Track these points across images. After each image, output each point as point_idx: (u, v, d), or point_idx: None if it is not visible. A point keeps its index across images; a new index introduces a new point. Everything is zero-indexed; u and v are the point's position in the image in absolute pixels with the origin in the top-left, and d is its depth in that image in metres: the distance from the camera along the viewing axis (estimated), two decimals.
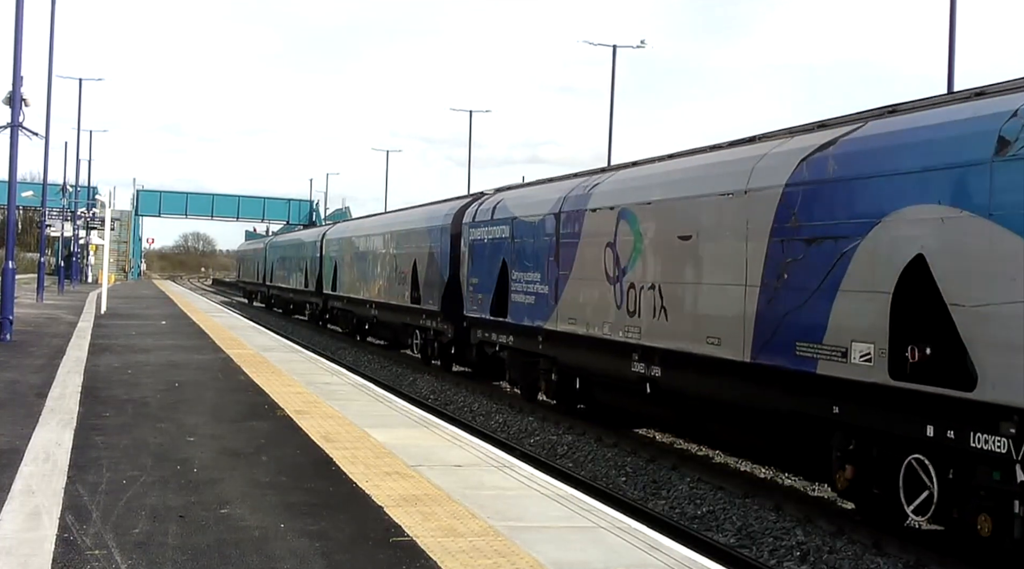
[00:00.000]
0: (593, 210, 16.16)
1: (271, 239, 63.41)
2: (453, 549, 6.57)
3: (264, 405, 12.92)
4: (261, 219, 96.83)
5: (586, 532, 7.23)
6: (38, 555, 6.15)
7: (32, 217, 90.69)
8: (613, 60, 46.12)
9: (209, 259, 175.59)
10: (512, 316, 19.19)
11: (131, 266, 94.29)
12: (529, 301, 18.32)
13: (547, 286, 17.54)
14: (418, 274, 26.23)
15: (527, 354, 18.91)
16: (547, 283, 17.55)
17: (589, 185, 16.87)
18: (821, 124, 12.03)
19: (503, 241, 19.96)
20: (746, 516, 11.54)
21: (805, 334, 10.82)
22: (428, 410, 16.09)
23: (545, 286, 17.63)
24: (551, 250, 17.46)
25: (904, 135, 10.13)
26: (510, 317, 19.27)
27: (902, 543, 10.08)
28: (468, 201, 24.06)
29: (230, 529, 6.95)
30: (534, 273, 18.19)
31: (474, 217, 22.11)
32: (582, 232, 16.46)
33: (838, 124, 11.59)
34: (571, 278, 16.70)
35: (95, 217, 65.80)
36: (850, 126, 11.17)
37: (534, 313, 18.10)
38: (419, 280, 26.10)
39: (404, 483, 8.54)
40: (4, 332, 21.03)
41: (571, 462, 14.89)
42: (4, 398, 12.89)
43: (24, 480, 8.16)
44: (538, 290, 17.94)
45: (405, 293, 27.22)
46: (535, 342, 18.16)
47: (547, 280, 17.56)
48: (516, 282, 19.08)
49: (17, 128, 22.10)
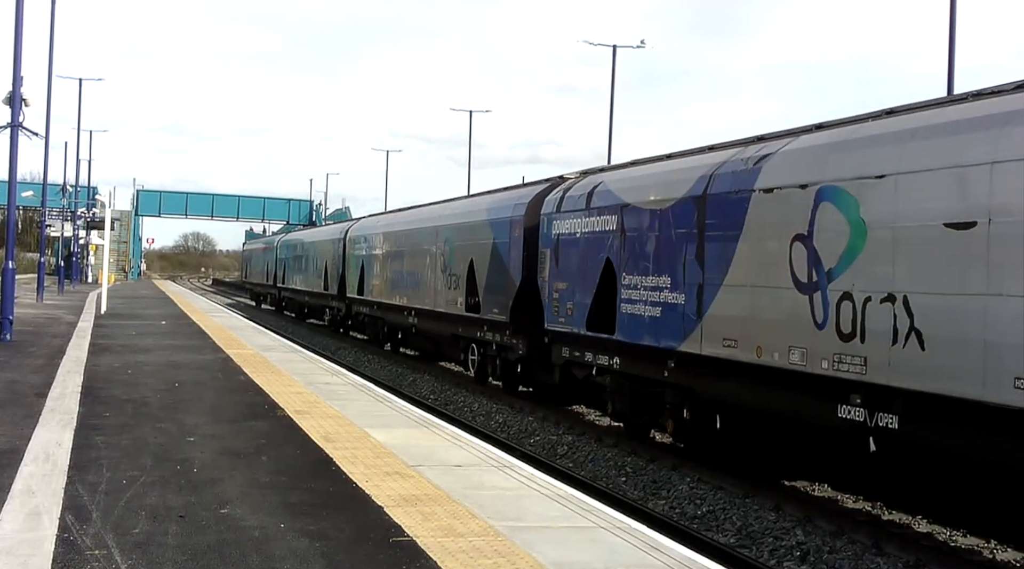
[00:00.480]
0: (767, 190, 12.01)
1: (283, 237, 57.78)
2: (453, 549, 6.57)
3: (264, 405, 12.92)
4: (261, 219, 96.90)
5: (586, 532, 7.23)
6: (38, 555, 6.14)
7: (32, 217, 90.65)
8: (613, 60, 46.17)
9: (209, 259, 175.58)
10: (622, 332, 15.07)
11: (131, 266, 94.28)
12: (651, 314, 14.19)
13: (682, 295, 13.49)
14: (476, 276, 21.82)
15: (644, 382, 14.84)
16: (682, 290, 13.49)
17: (753, 157, 12.63)
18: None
19: (606, 235, 15.75)
20: (746, 516, 11.54)
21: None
22: (428, 410, 16.09)
23: (678, 294, 13.57)
24: (688, 247, 13.39)
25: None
26: (619, 333, 15.16)
27: (902, 543, 10.09)
28: (547, 187, 19.62)
29: (230, 529, 6.94)
30: (659, 277, 14.07)
31: (559, 206, 17.76)
32: (746, 221, 12.29)
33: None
34: (725, 284, 12.64)
35: (95, 217, 65.80)
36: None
37: (660, 330, 13.96)
38: (477, 284, 21.68)
39: (404, 483, 8.53)
40: (4, 332, 21.03)
41: (571, 462, 14.89)
42: (4, 398, 12.88)
43: (24, 480, 8.16)
44: (666, 299, 13.86)
45: (458, 299, 22.81)
46: (659, 368, 14.01)
47: (682, 286, 13.50)
48: (629, 288, 14.87)
49: (17, 128, 22.10)
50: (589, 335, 16.20)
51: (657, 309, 14.11)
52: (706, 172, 13.39)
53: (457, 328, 22.97)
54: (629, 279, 14.93)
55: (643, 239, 14.63)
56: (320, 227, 55.66)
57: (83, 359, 17.86)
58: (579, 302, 16.61)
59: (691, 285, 13.28)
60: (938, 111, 10.20)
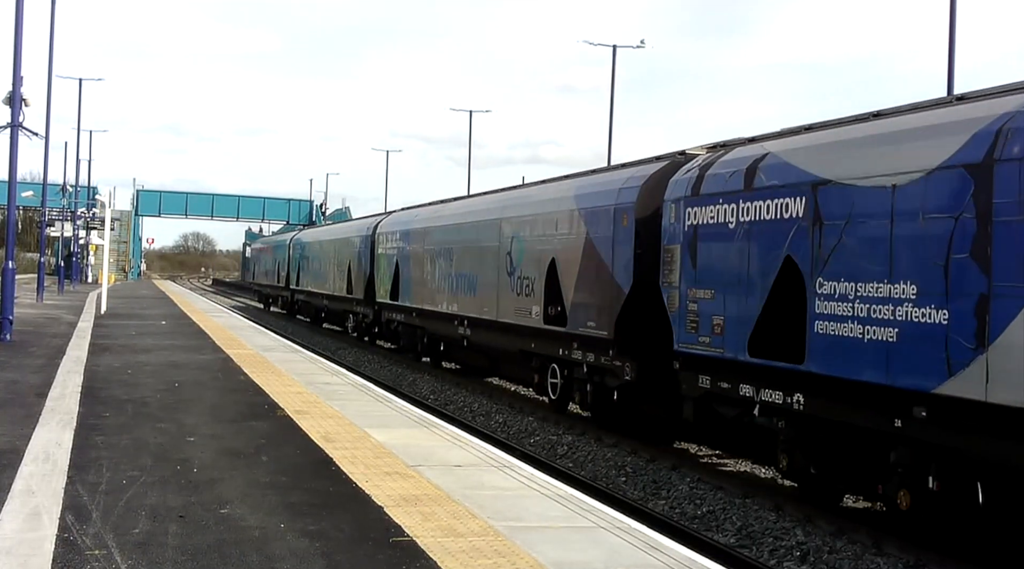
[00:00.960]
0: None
1: (296, 233, 53.18)
2: (453, 549, 6.57)
3: (264, 405, 12.92)
4: (261, 219, 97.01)
5: (586, 532, 7.23)
6: (38, 555, 6.14)
7: (32, 217, 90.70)
8: (613, 60, 46.20)
9: (209, 259, 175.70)
10: (817, 361, 10.95)
11: (131, 266, 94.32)
12: (878, 337, 10.10)
13: (942, 311, 9.34)
14: (560, 281, 17.61)
15: (854, 434, 10.87)
16: (943, 304, 9.36)
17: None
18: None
19: (785, 225, 11.56)
20: (746, 516, 11.54)
21: None
22: (428, 410, 16.08)
23: (935, 310, 9.41)
24: (957, 240, 9.28)
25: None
26: (812, 363, 11.03)
27: (902, 543, 10.09)
28: (666, 165, 15.26)
29: (230, 529, 6.94)
30: (894, 284, 9.93)
31: (695, 187, 13.50)
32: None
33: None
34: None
35: (95, 217, 65.84)
36: None
37: (896, 361, 9.90)
38: (562, 290, 17.47)
39: (404, 483, 8.53)
40: (4, 332, 21.03)
41: (571, 462, 14.89)
42: (4, 398, 12.89)
43: (24, 480, 8.16)
44: (911, 317, 9.73)
45: (532, 309, 18.62)
46: (888, 416, 10.02)
47: (943, 298, 9.37)
48: (831, 300, 10.75)
49: (17, 128, 22.11)
50: (753, 362, 12.08)
51: (891, 331, 10.00)
52: (990, 125, 9.17)
53: (529, 343, 18.86)
54: (831, 287, 10.80)
55: (859, 230, 10.55)
56: (342, 222, 49.36)
57: (83, 359, 17.86)
58: (734, 317, 12.47)
59: (961, 297, 9.23)
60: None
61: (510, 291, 19.79)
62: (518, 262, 19.52)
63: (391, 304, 29.05)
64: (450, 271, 23.93)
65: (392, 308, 29.05)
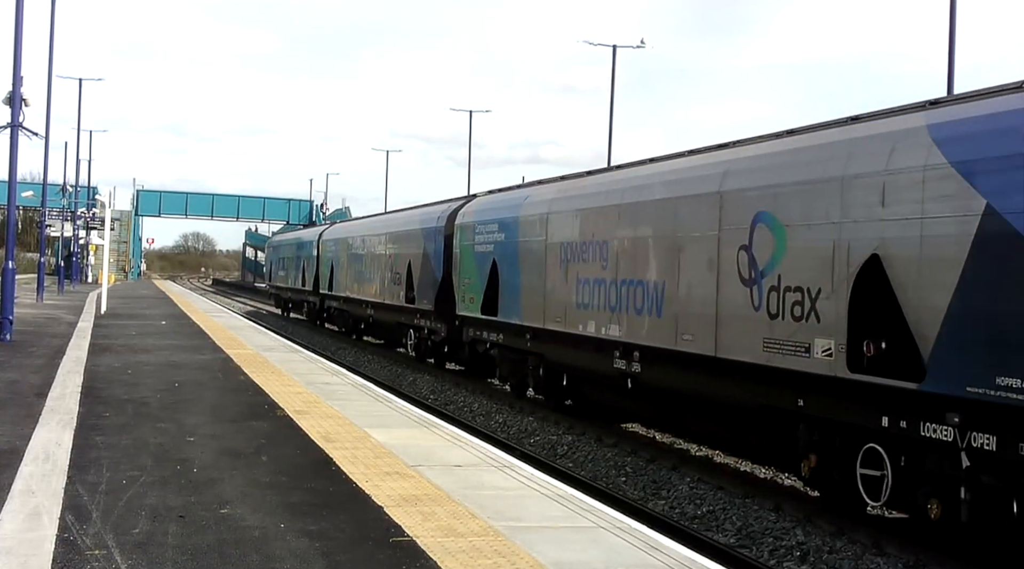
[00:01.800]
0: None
1: (326, 227, 45.01)
2: (453, 549, 6.57)
3: (264, 405, 12.92)
4: (261, 219, 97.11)
5: (586, 532, 7.23)
6: (38, 555, 6.14)
7: (32, 217, 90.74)
8: (613, 60, 46.18)
9: (209, 259, 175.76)
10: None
11: (131, 266, 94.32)
12: None
13: None
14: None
15: None
16: None
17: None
18: None
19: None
20: (746, 516, 11.54)
21: None
22: (428, 410, 16.08)
23: None
24: None
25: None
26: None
27: (902, 543, 10.09)
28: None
29: (230, 529, 6.95)
30: None
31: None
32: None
33: None
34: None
35: (95, 217, 65.82)
36: None
37: None
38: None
39: (404, 483, 8.54)
40: (4, 332, 21.03)
41: (571, 462, 14.89)
42: (4, 398, 12.89)
43: (24, 480, 8.16)
44: None
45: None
46: None
47: None
48: None
49: (17, 128, 22.11)
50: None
51: None
52: None
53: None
54: None
55: None
56: (397, 212, 35.26)
57: (83, 359, 17.86)
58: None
59: None
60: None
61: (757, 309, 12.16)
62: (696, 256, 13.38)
63: (486, 320, 20.97)
64: (614, 278, 15.49)
65: (486, 326, 21.13)
